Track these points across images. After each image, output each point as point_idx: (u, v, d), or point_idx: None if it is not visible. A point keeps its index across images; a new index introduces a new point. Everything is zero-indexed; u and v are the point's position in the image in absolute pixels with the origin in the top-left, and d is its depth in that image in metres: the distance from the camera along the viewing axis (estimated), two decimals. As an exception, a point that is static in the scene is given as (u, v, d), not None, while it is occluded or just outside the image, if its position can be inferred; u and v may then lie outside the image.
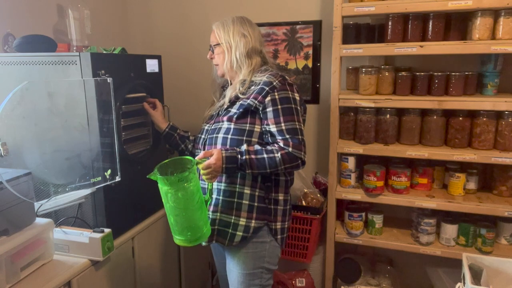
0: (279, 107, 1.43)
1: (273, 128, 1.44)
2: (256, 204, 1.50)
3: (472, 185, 1.97)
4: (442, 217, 2.01)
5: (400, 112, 1.99)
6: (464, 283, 1.51)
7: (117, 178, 1.58)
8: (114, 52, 1.75)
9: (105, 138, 1.53)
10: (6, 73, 1.58)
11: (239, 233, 1.50)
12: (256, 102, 1.45)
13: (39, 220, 1.42)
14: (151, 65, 1.80)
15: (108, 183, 1.55)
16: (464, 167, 1.98)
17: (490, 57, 1.88)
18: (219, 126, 1.53)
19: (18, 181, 1.31)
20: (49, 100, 1.54)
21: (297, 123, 1.45)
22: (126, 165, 1.63)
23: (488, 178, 2.02)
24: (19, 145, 1.64)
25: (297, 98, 1.49)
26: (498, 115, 1.84)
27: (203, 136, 1.61)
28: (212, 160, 1.39)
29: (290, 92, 1.46)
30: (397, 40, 1.88)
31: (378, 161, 2.08)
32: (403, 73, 1.93)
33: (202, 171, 1.41)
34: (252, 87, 1.50)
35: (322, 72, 2.31)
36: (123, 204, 1.69)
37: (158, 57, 1.85)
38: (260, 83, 1.48)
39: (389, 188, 2.03)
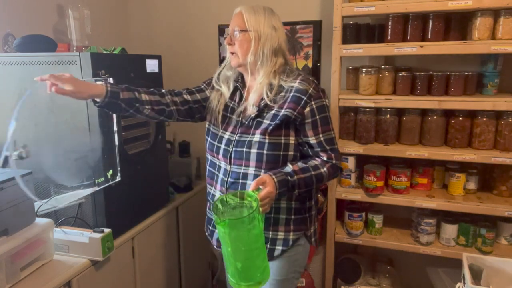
0: (317, 117, 1.34)
1: (312, 140, 1.35)
2: (293, 217, 1.42)
3: (472, 185, 1.97)
4: (442, 217, 2.01)
5: (400, 112, 1.99)
6: (464, 283, 1.51)
7: (117, 178, 1.58)
8: (114, 52, 1.75)
9: (105, 138, 1.53)
10: (6, 73, 1.58)
11: (278, 247, 1.41)
12: (295, 113, 1.32)
13: (39, 220, 1.42)
14: (151, 65, 1.80)
15: (110, 183, 1.55)
16: (464, 167, 1.98)
17: (490, 57, 1.88)
18: (248, 139, 1.36)
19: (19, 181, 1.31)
20: (49, 100, 1.54)
21: (332, 131, 1.38)
22: (126, 165, 1.63)
23: (488, 178, 2.02)
24: (19, 145, 1.64)
25: (328, 104, 1.40)
26: (498, 115, 1.84)
27: (224, 147, 1.41)
28: (270, 188, 1.23)
29: (324, 100, 1.37)
30: (397, 40, 1.88)
31: (378, 161, 2.09)
32: (403, 73, 1.93)
33: (260, 203, 1.22)
34: (282, 94, 1.35)
35: (322, 72, 2.31)
36: (123, 204, 1.69)
37: (158, 57, 1.85)
38: (291, 90, 1.33)
39: (389, 188, 2.03)
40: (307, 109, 1.32)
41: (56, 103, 1.54)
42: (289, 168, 1.32)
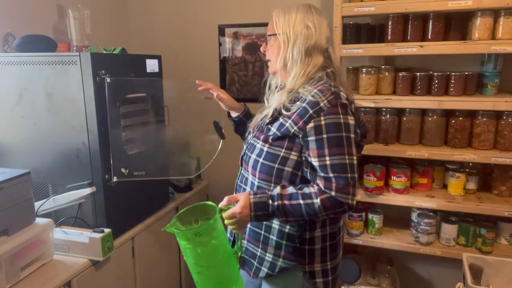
0: (325, 136, 1.14)
1: (315, 162, 1.15)
2: (284, 242, 1.26)
3: (472, 185, 1.96)
4: (442, 217, 2.01)
5: (400, 112, 1.99)
6: (464, 283, 1.52)
7: (115, 179, 1.58)
8: (114, 52, 1.75)
9: (104, 138, 1.53)
10: (6, 73, 1.58)
11: (264, 269, 1.29)
12: (295, 128, 1.17)
13: (39, 220, 1.41)
14: (151, 65, 1.80)
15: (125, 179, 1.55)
16: (464, 167, 1.98)
17: (490, 57, 1.88)
18: (254, 144, 1.29)
19: (18, 181, 1.31)
20: (48, 100, 1.54)
21: (347, 156, 1.14)
22: (126, 166, 1.63)
23: (488, 178, 2.02)
24: (19, 145, 1.64)
25: (351, 122, 1.17)
26: (498, 115, 1.84)
27: (244, 148, 1.36)
28: (237, 208, 1.14)
29: (341, 116, 1.15)
30: (397, 40, 1.88)
31: (378, 161, 2.08)
32: (403, 73, 1.93)
33: (226, 221, 1.17)
34: (297, 103, 1.21)
35: (322, 72, 2.30)
36: (123, 204, 1.69)
37: (158, 57, 1.85)
38: (305, 100, 1.18)
39: (389, 188, 2.02)
40: (311, 124, 1.15)
41: (55, 104, 1.54)
42: (276, 190, 1.16)
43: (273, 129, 1.24)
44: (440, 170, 2.05)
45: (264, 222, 1.27)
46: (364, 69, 1.96)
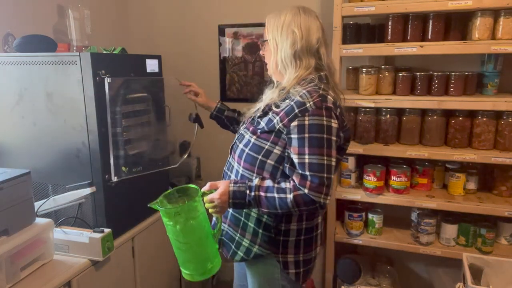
0: (306, 135, 1.18)
1: (295, 159, 1.20)
2: (261, 231, 1.32)
3: (472, 185, 1.97)
4: (442, 217, 2.01)
5: (400, 112, 1.99)
6: (464, 283, 1.52)
7: (115, 179, 1.58)
8: (114, 52, 1.75)
9: (104, 138, 1.53)
10: (6, 73, 1.58)
11: (240, 253, 1.37)
12: (280, 124, 1.23)
13: (39, 220, 1.41)
14: (151, 65, 1.80)
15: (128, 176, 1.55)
16: (464, 167, 1.98)
17: (490, 57, 1.88)
18: (244, 135, 1.36)
19: (18, 181, 1.31)
20: (48, 100, 1.54)
21: (325, 157, 1.18)
22: (126, 166, 1.63)
23: (488, 178, 2.02)
24: (19, 145, 1.64)
25: (334, 125, 1.21)
26: (498, 115, 1.84)
27: (235, 138, 1.43)
28: (215, 195, 1.23)
29: (325, 118, 1.19)
30: (397, 40, 1.88)
31: (378, 161, 2.08)
32: (403, 73, 1.93)
33: (207, 205, 1.25)
34: (287, 101, 1.26)
35: (322, 72, 2.30)
36: (123, 204, 1.69)
37: (158, 57, 1.85)
38: (294, 99, 1.23)
39: (389, 188, 2.02)
40: (295, 123, 1.20)
41: (55, 104, 1.54)
42: (255, 181, 1.23)
43: (262, 123, 1.31)
44: (440, 170, 2.06)
45: (244, 209, 1.33)
46: (364, 69, 1.97)
